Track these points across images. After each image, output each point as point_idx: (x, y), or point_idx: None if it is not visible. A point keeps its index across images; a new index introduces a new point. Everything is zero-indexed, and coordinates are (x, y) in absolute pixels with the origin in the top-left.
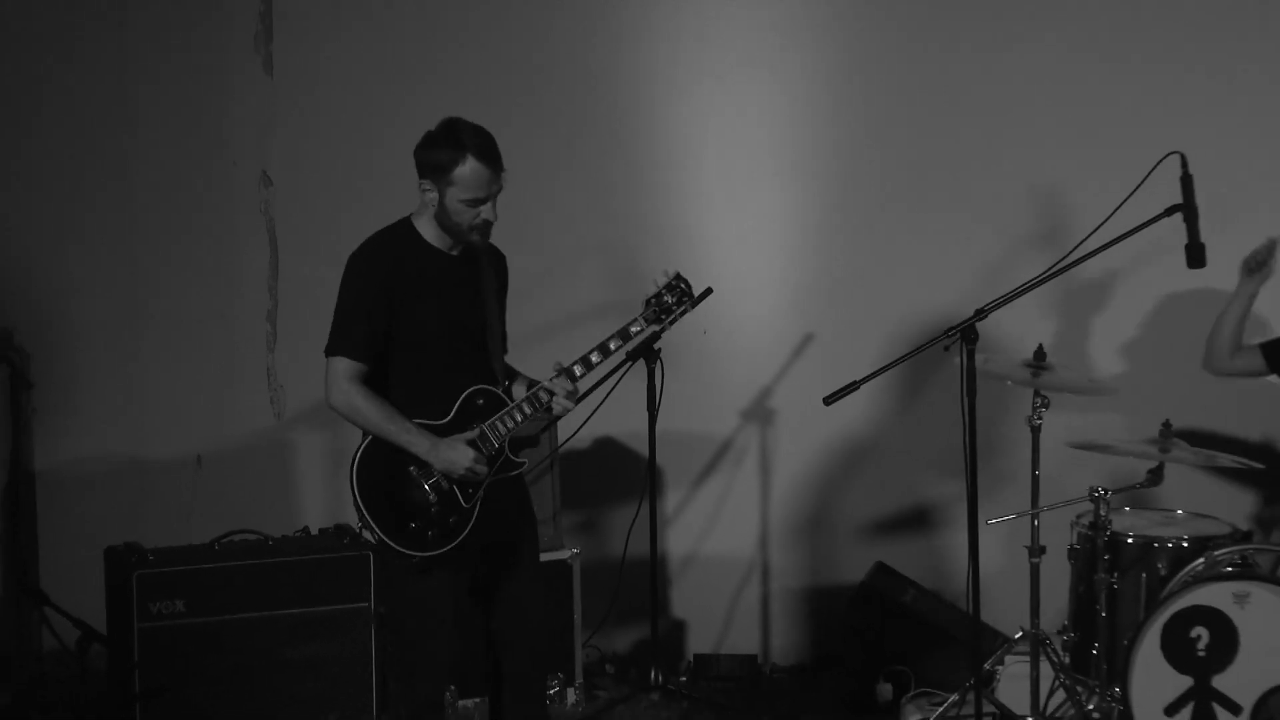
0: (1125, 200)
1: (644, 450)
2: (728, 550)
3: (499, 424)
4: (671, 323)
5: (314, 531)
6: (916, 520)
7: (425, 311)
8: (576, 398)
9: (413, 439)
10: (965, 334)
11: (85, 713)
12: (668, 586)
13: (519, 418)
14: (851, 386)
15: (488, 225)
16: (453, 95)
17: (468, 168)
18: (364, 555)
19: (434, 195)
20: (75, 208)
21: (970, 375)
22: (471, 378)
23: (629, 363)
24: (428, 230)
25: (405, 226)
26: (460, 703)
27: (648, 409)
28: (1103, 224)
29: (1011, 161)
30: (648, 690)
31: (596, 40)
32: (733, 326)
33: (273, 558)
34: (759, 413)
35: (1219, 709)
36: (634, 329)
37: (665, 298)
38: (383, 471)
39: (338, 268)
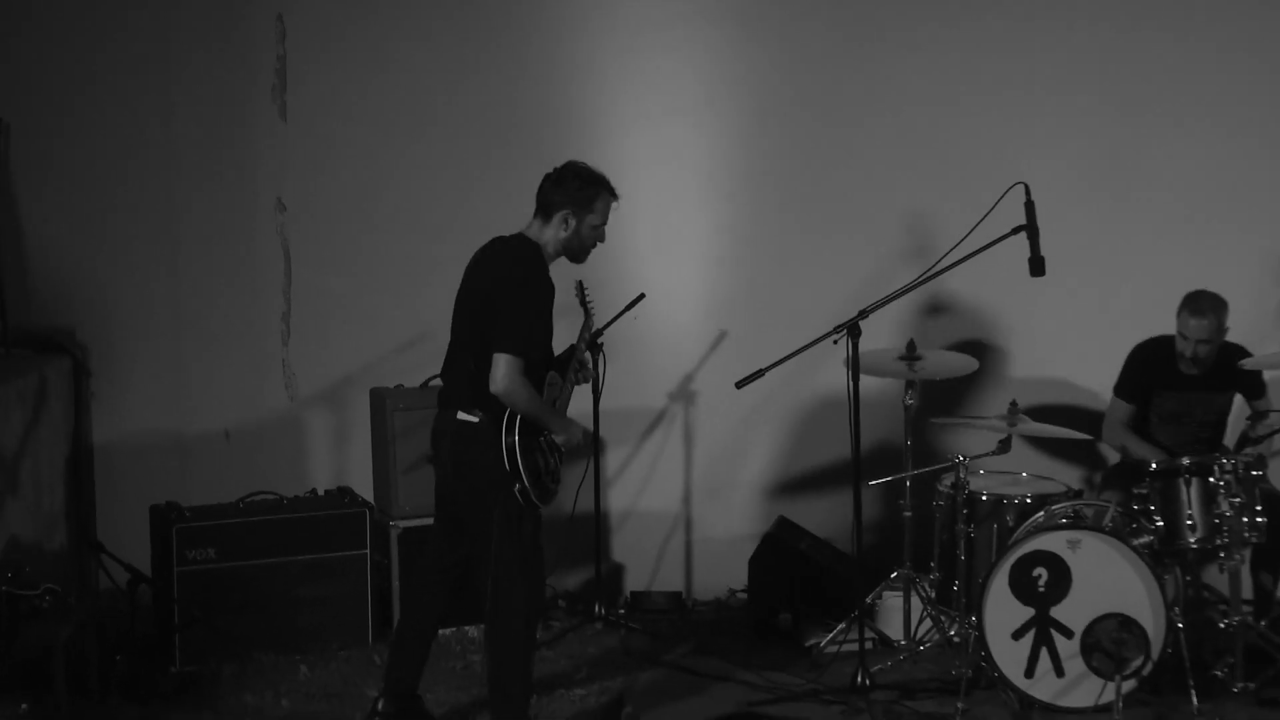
0: (980, 222)
1: (590, 424)
2: (658, 505)
3: (566, 395)
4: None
5: (321, 492)
6: (812, 482)
7: (549, 317)
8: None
9: (553, 417)
10: (850, 330)
11: (135, 641)
12: (609, 535)
13: (571, 392)
14: (759, 373)
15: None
16: (435, 135)
17: (605, 199)
18: (361, 511)
19: (573, 223)
20: (127, 228)
21: (854, 363)
22: (546, 362)
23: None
24: (548, 250)
25: (538, 249)
26: (465, 629)
27: (592, 391)
28: (961, 241)
29: (886, 190)
30: (593, 620)
31: (552, 87)
32: (662, 323)
33: (287, 513)
34: (683, 394)
35: (1055, 634)
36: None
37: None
38: (526, 445)
39: (341, 278)
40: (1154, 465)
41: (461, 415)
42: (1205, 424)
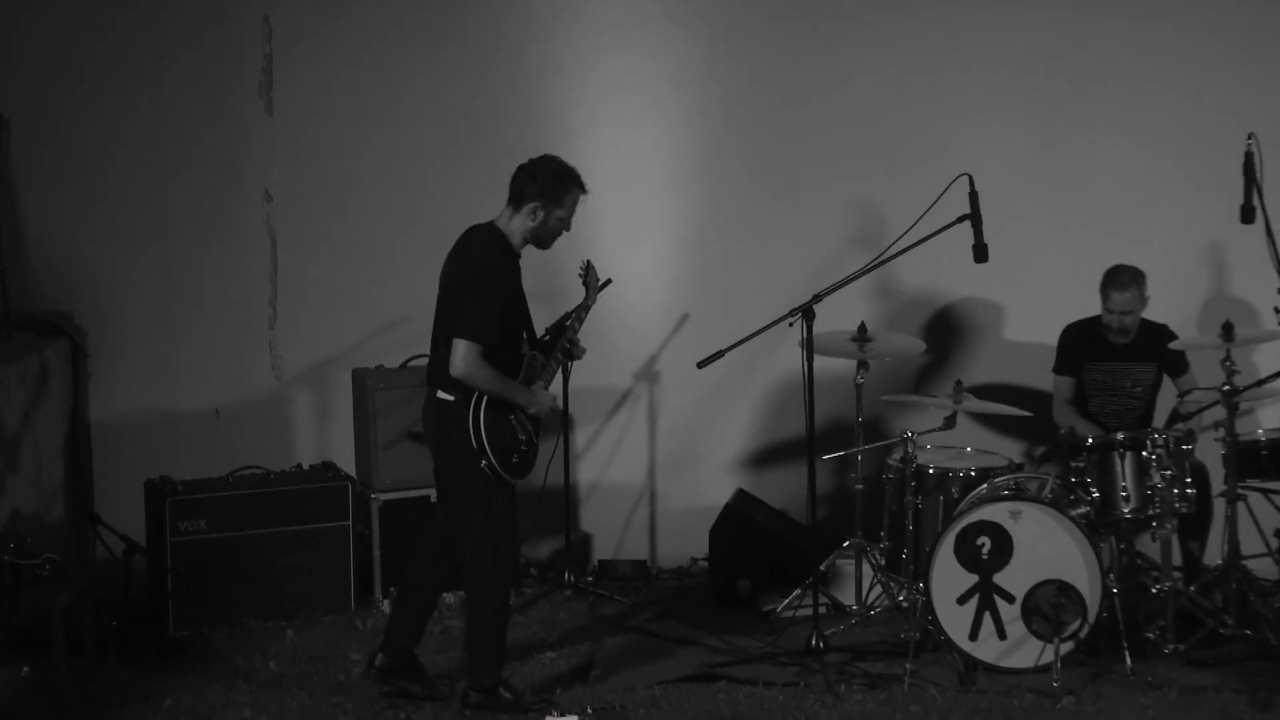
0: (927, 211)
1: (560, 403)
2: (624, 479)
3: (548, 376)
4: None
5: (305, 467)
6: (769, 456)
7: (515, 302)
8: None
9: (518, 393)
10: (805, 313)
11: (130, 607)
12: (578, 507)
13: (554, 370)
14: (718, 354)
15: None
16: (410, 132)
17: (575, 194)
18: (343, 485)
19: (541, 215)
20: (122, 218)
21: (809, 344)
22: (523, 345)
23: (547, 336)
24: (515, 239)
25: (502, 237)
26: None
27: (562, 371)
28: (909, 229)
29: (839, 181)
30: (563, 587)
31: (521, 86)
32: (627, 307)
33: (274, 487)
34: (648, 374)
35: (998, 599)
36: (590, 302)
37: (593, 274)
38: (493, 420)
39: (324, 265)
40: (1090, 440)
41: (440, 394)
42: (1135, 395)
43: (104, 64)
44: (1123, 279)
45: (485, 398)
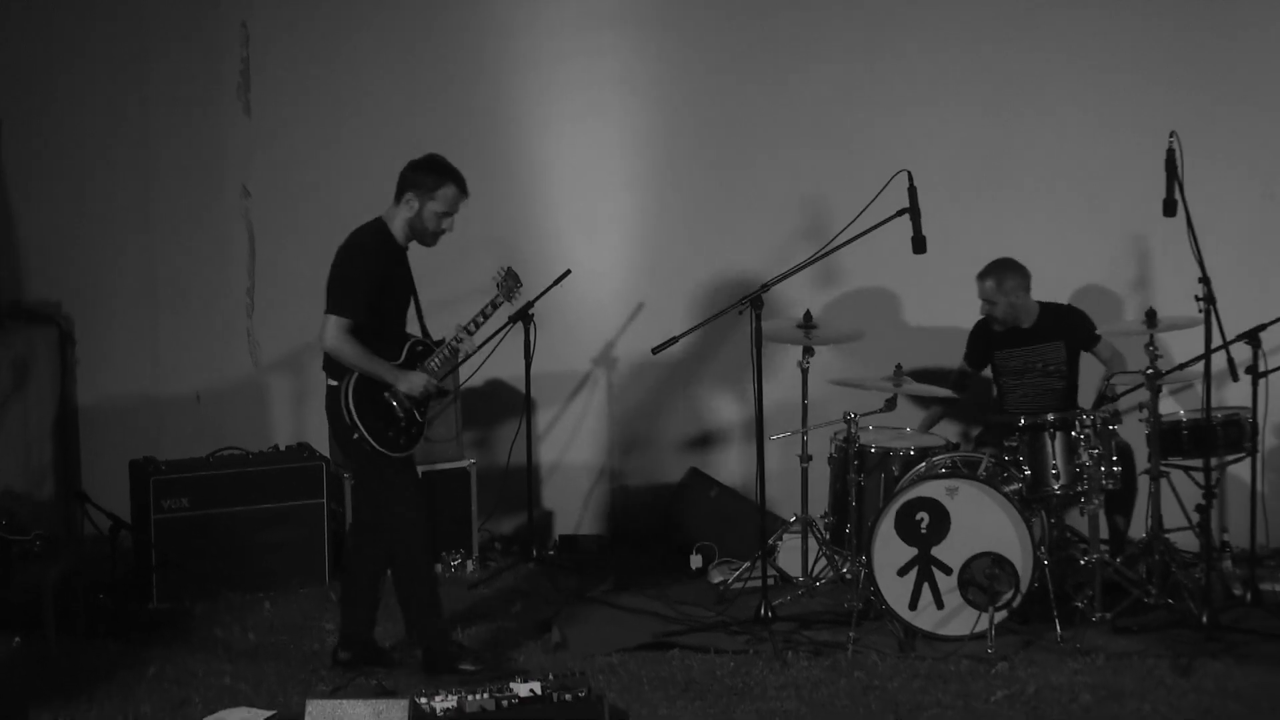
0: (868, 205)
1: (523, 387)
2: (584, 459)
3: (433, 362)
4: (511, 299)
5: (282, 448)
6: (720, 437)
7: (393, 289)
8: (476, 345)
9: (385, 370)
10: (754, 302)
11: (117, 581)
12: (540, 485)
13: (445, 359)
14: (672, 340)
15: (441, 235)
16: (379, 130)
17: (449, 190)
18: (318, 464)
19: (416, 205)
20: (108, 213)
21: (757, 331)
22: (406, 333)
23: (511, 325)
24: (397, 231)
25: (381, 225)
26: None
27: (525, 357)
28: (852, 222)
29: (786, 177)
30: (526, 560)
31: (480, 89)
32: (586, 297)
33: (252, 466)
34: (606, 359)
35: (936, 571)
36: (499, 300)
37: (509, 280)
38: (368, 398)
39: (299, 256)
40: (1022, 420)
41: (329, 382)
42: (1050, 373)
43: (91, 68)
44: (983, 271)
45: (356, 376)
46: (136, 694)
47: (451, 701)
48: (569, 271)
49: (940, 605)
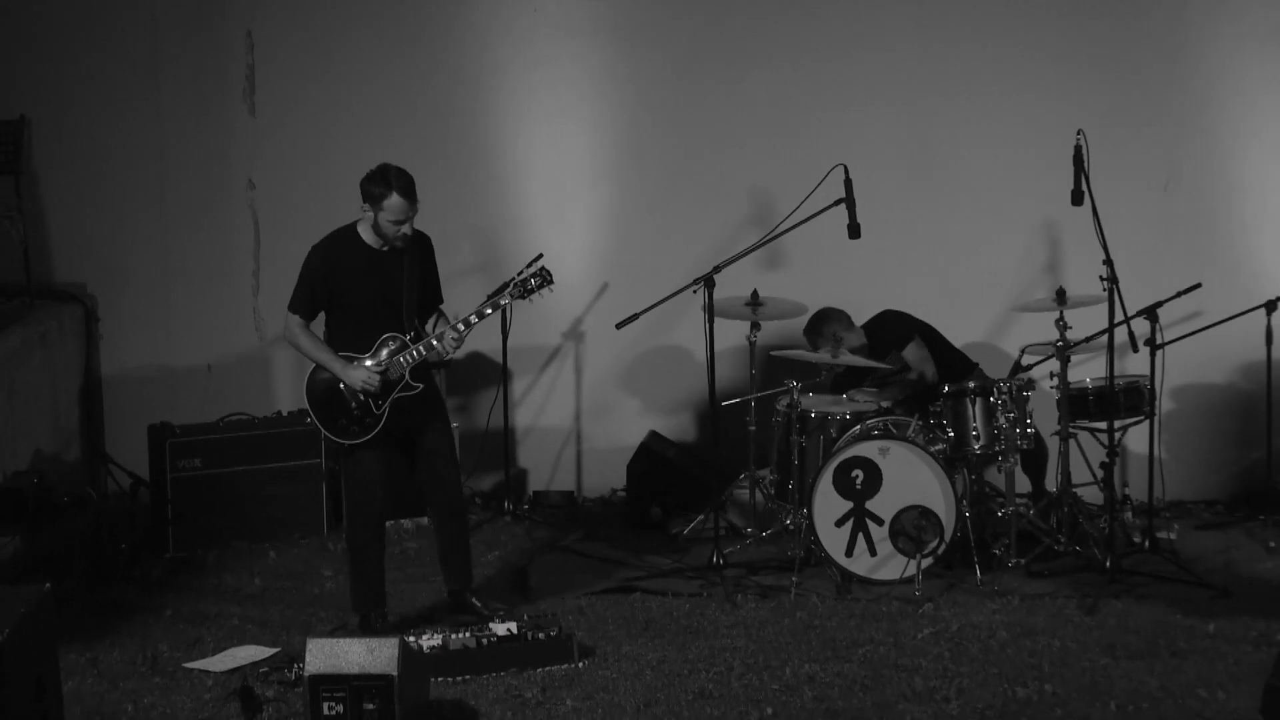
0: (809, 195)
1: (500, 359)
2: (555, 422)
3: (400, 358)
4: (529, 299)
5: (284, 413)
6: (677, 403)
7: (356, 288)
8: (459, 345)
9: (332, 363)
10: (707, 282)
11: (137, 533)
12: (515, 446)
13: (414, 356)
14: (634, 316)
15: (405, 237)
16: (371, 128)
17: (393, 199)
18: (316, 429)
19: (371, 214)
20: (127, 203)
21: (710, 308)
22: (386, 328)
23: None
24: (366, 234)
25: (350, 230)
26: (401, 522)
27: (501, 332)
28: (795, 210)
29: (736, 169)
30: (503, 514)
31: (461, 90)
32: (557, 277)
33: (258, 430)
34: (574, 334)
35: (869, 522)
36: (503, 301)
37: (529, 280)
38: (323, 386)
39: (300, 242)
40: (946, 388)
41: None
42: (915, 380)
43: (111, 73)
44: (808, 331)
45: (315, 367)
46: (154, 634)
47: (437, 640)
48: (541, 255)
49: (873, 553)
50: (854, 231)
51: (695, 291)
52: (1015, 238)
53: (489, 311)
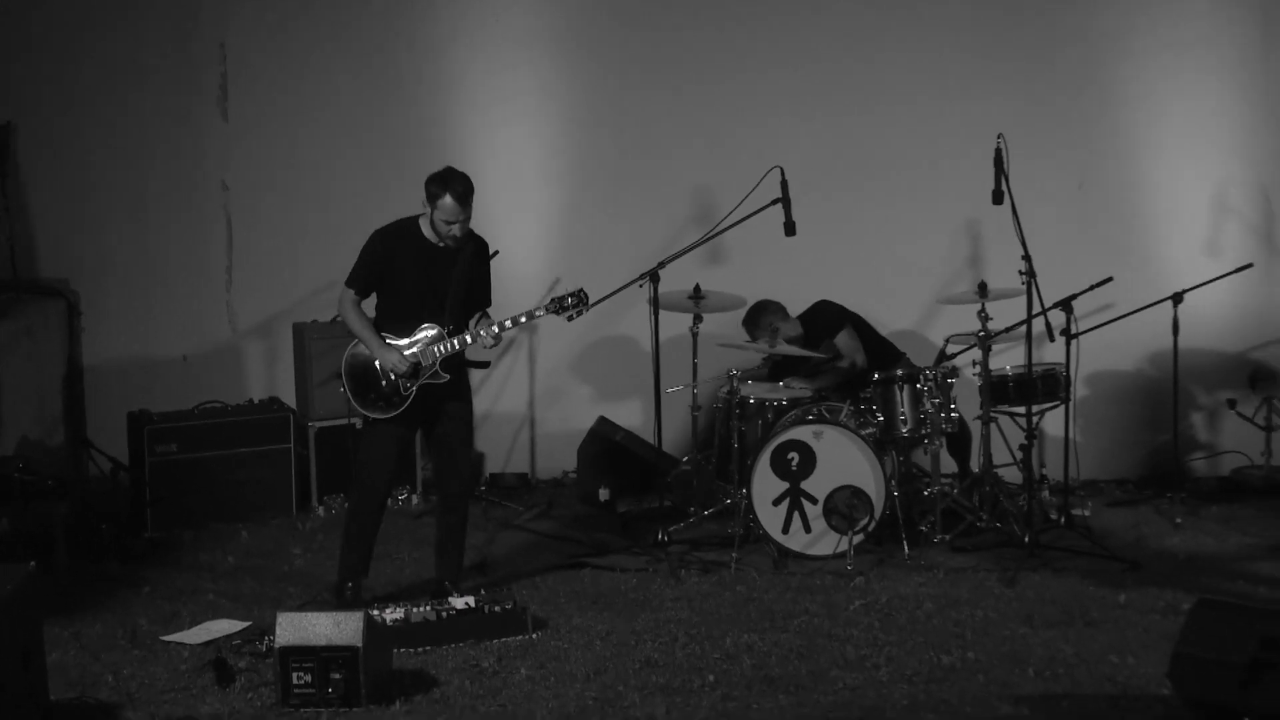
0: (748, 195)
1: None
2: (510, 408)
3: (434, 348)
4: (564, 316)
5: (256, 401)
6: (625, 390)
7: (408, 276)
8: (497, 343)
9: (371, 340)
10: (652, 276)
11: (117, 514)
12: (473, 431)
13: (449, 348)
14: (582, 302)
15: (454, 237)
16: (337, 134)
17: (447, 201)
18: (286, 415)
19: (430, 212)
20: (108, 203)
21: (655, 301)
22: (428, 318)
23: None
24: (426, 228)
25: (413, 222)
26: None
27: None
28: (734, 209)
29: (679, 170)
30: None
31: (421, 98)
32: (512, 272)
33: (231, 417)
34: (528, 325)
35: (804, 501)
36: (538, 313)
37: (566, 300)
38: (361, 360)
39: (270, 240)
40: (875, 375)
41: None
42: (846, 368)
43: (92, 81)
44: (746, 323)
45: (356, 341)
46: (134, 609)
47: (400, 613)
48: (497, 252)
49: (808, 530)
50: (790, 229)
51: (641, 285)
52: (940, 234)
53: (523, 319)
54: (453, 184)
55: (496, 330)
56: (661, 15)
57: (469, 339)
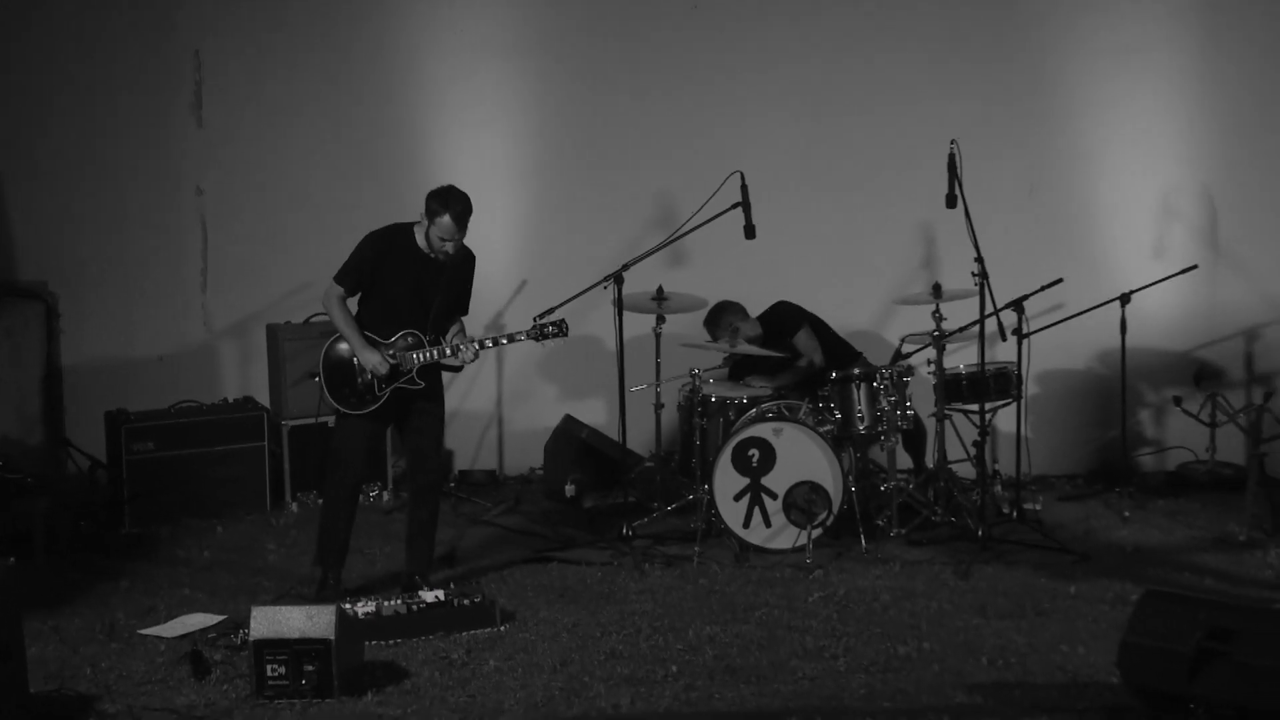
0: (709, 199)
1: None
2: (479, 407)
3: (413, 355)
4: (539, 341)
5: (230, 400)
6: (589, 389)
7: (396, 281)
8: (475, 359)
9: (354, 338)
10: (616, 278)
11: (95, 511)
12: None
13: (427, 356)
14: (550, 310)
15: (447, 253)
16: (309, 140)
17: (445, 220)
18: (260, 414)
19: (426, 225)
20: (86, 208)
21: (619, 302)
22: (410, 324)
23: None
24: (419, 238)
25: (408, 229)
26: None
27: None
28: (696, 213)
29: (643, 176)
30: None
31: (391, 104)
32: (480, 274)
33: (206, 416)
34: (496, 325)
35: (764, 496)
36: (519, 337)
37: (548, 328)
38: (339, 356)
39: (243, 243)
40: (833, 374)
41: None
42: (797, 357)
43: (71, 90)
44: (708, 324)
45: (337, 336)
46: (111, 603)
47: (371, 607)
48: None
49: (768, 524)
50: (749, 232)
51: (606, 287)
52: (895, 237)
53: (504, 341)
54: (453, 204)
55: (478, 348)
56: (625, 24)
57: (449, 351)
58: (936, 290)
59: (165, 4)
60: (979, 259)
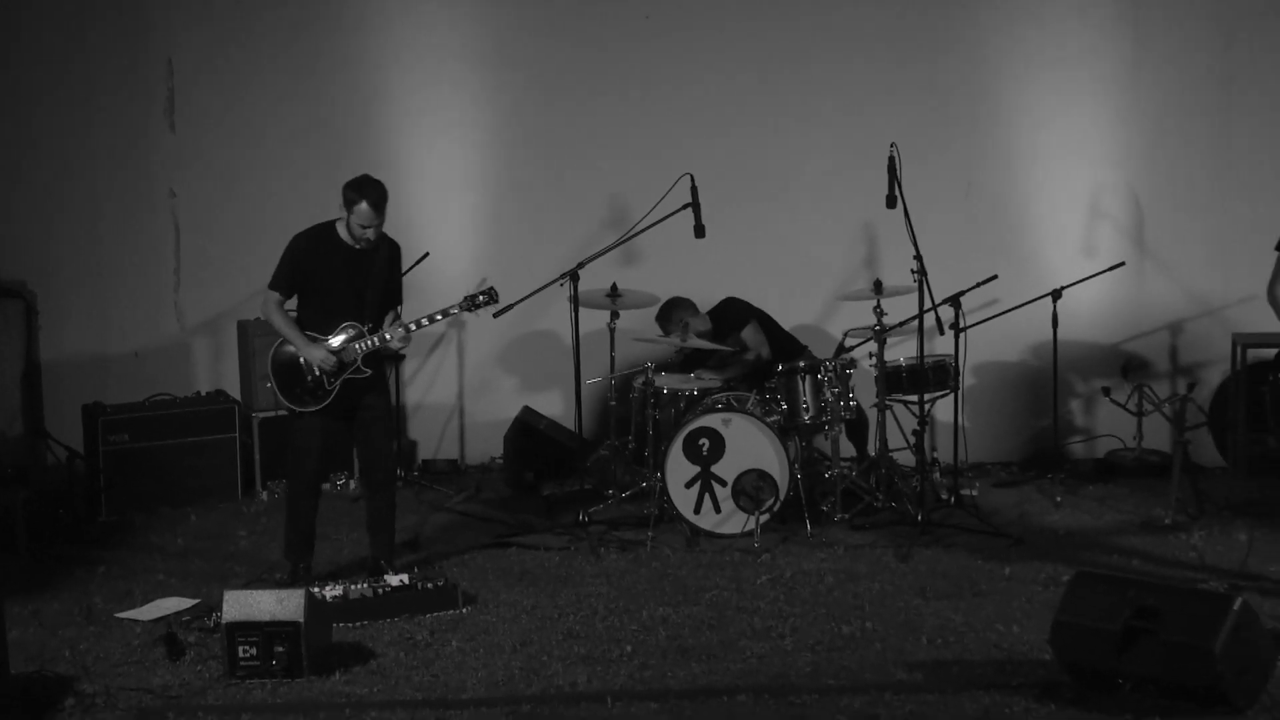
0: (660, 200)
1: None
2: (441, 399)
3: (355, 345)
4: (477, 311)
5: (203, 393)
6: (547, 382)
7: (328, 277)
8: (408, 342)
9: (297, 338)
10: (572, 276)
11: (73, 500)
12: (406, 420)
13: (368, 345)
14: (509, 307)
15: (369, 240)
16: (277, 143)
17: (362, 207)
18: (231, 407)
19: (346, 216)
20: (63, 210)
21: (575, 299)
22: (348, 317)
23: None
24: (343, 231)
25: (330, 226)
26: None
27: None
28: (648, 213)
29: (597, 177)
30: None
31: (354, 111)
32: (441, 272)
33: (179, 409)
34: (457, 321)
35: (714, 484)
36: (452, 310)
37: (478, 297)
38: (285, 358)
39: (215, 243)
40: (780, 367)
41: None
42: (746, 350)
43: (47, 98)
44: (659, 319)
45: (282, 340)
46: (89, 588)
47: (339, 590)
48: (427, 254)
49: (718, 510)
50: (699, 232)
51: (562, 285)
52: (839, 236)
53: (439, 317)
54: (368, 191)
55: (404, 332)
56: (580, 33)
57: (388, 337)
58: (878, 287)
59: (139, 15)
60: (918, 257)
